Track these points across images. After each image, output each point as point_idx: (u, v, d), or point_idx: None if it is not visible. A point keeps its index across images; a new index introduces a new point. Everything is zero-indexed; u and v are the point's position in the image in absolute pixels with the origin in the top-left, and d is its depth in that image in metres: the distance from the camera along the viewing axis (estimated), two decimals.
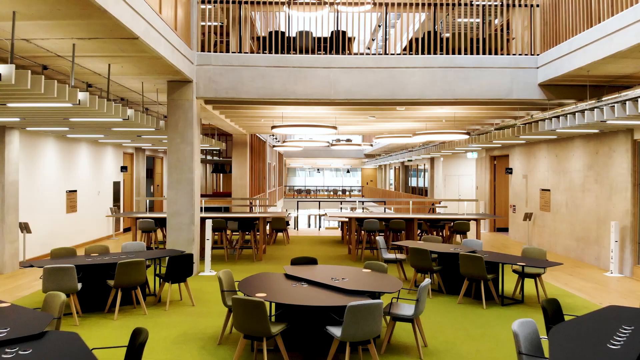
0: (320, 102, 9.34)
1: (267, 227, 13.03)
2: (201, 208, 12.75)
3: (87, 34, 5.49)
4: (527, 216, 12.92)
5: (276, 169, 27.63)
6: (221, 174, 22.45)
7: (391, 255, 8.30)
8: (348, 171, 45.15)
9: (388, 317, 5.19)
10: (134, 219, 10.34)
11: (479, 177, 17.66)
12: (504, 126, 11.29)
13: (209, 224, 8.92)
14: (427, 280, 4.94)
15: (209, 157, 19.94)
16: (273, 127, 9.75)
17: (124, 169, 14.80)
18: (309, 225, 32.55)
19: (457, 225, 10.26)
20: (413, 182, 28.67)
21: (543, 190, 12.47)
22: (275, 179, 27.28)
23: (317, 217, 22.05)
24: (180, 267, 6.68)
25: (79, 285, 5.99)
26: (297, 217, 34.39)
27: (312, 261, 6.30)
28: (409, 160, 23.99)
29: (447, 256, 7.68)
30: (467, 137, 10.16)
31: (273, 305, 5.06)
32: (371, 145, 20.93)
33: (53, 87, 4.94)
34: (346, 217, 10.85)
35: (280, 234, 13.65)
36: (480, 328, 5.90)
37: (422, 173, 25.58)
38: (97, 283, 6.64)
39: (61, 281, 5.73)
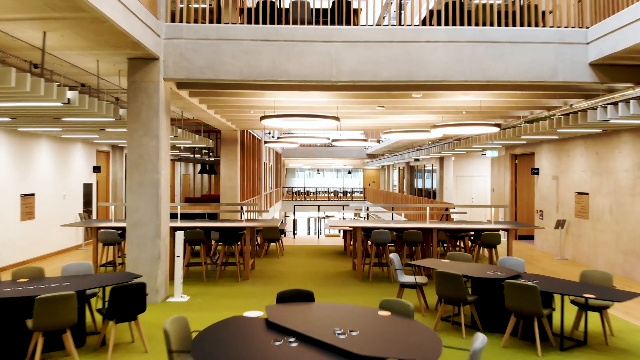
0: (319, 86, 7.58)
1: (259, 237, 11.25)
2: (182, 214, 10.99)
3: None
4: (560, 224, 11.15)
5: (273, 169, 25.86)
6: (212, 175, 20.65)
7: (409, 278, 6.53)
8: (349, 172, 43.35)
9: None
10: (95, 228, 8.58)
11: (495, 179, 15.87)
12: (536, 118, 9.52)
13: (179, 236, 7.14)
14: (481, 341, 3.18)
15: (197, 157, 18.14)
16: (262, 117, 7.99)
17: (96, 169, 13.04)
18: (309, 231, 30.81)
19: (486, 237, 8.47)
20: (419, 183, 26.87)
21: (579, 193, 10.69)
22: (273, 180, 25.51)
23: (317, 219, 20.29)
24: (127, 301, 4.91)
25: None
26: (296, 220, 32.56)
27: (306, 296, 4.52)
28: (415, 160, 22.20)
29: (485, 283, 5.91)
30: (497, 130, 8.40)
31: None
32: (378, 141, 19.11)
33: None
34: (350, 227, 9.08)
35: (273, 244, 11.86)
36: None
37: (430, 174, 23.78)
38: (14, 323, 4.88)
39: None
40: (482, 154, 18.27)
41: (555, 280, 5.76)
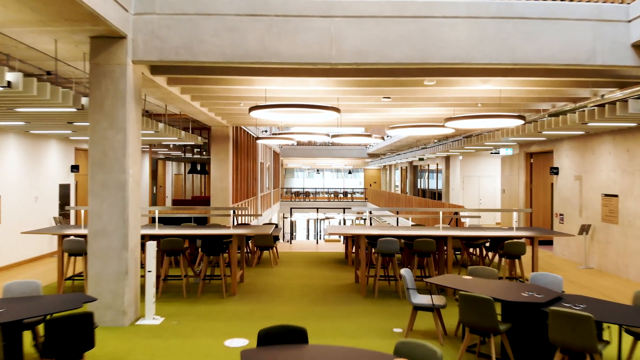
0: (316, 70, 6.49)
1: (250, 244, 10.16)
2: (167, 219, 9.90)
3: None
4: (584, 229, 10.05)
5: (271, 169, 24.77)
6: (206, 176, 19.55)
7: (423, 299, 5.44)
8: (350, 172, 42.25)
9: None
10: (60, 236, 7.48)
11: (506, 179, 14.78)
12: (561, 111, 8.44)
13: (151, 247, 6.04)
14: None
15: (188, 155, 17.06)
16: (252, 108, 6.90)
17: (75, 168, 11.94)
18: (308, 233, 29.67)
19: (509, 247, 7.36)
20: (423, 184, 25.78)
21: (607, 195, 9.59)
22: (270, 180, 24.42)
23: (316, 221, 19.20)
24: (68, 336, 3.83)
25: None
26: (294, 222, 31.49)
27: (296, 335, 3.41)
28: (420, 159, 21.10)
29: (519, 307, 4.82)
30: (520, 123, 7.30)
31: None
32: (383, 138, 17.99)
33: None
34: (352, 234, 7.99)
35: (267, 252, 10.73)
36: None
37: (435, 174, 22.69)
38: None
39: None
40: (492, 153, 17.20)
41: (604, 304, 4.66)
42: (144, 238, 7.36)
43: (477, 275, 5.75)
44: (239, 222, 13.15)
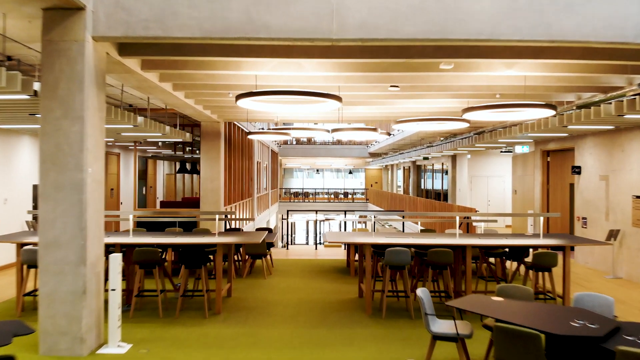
0: (313, 48, 5.50)
1: (242, 252, 9.17)
2: (151, 224, 8.90)
3: None
4: (612, 234, 9.06)
5: (269, 168, 23.77)
6: (198, 176, 18.52)
7: (445, 326, 4.44)
8: (350, 172, 41.23)
9: None
10: (18, 245, 6.48)
11: (518, 179, 13.78)
12: (592, 102, 7.45)
13: (114, 261, 5.04)
14: None
15: (178, 153, 16.04)
16: (238, 97, 5.91)
17: None
18: (307, 235, 28.55)
19: (539, 258, 6.34)
20: (428, 184, 24.76)
21: (638, 197, 8.59)
22: (268, 180, 23.42)
23: (316, 222, 18.20)
24: None
25: None
26: (294, 223, 30.55)
27: None
28: (424, 158, 20.09)
29: (569, 341, 3.82)
30: (552, 113, 6.30)
31: None
32: (389, 134, 16.97)
33: None
34: (355, 242, 6.97)
35: (260, 260, 9.69)
36: None
37: (440, 174, 21.68)
38: None
39: None
40: (502, 151, 16.20)
41: None
42: (114, 248, 6.37)
43: (508, 296, 4.74)
44: (231, 226, 12.14)
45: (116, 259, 5.05)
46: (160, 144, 14.60)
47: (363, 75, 6.73)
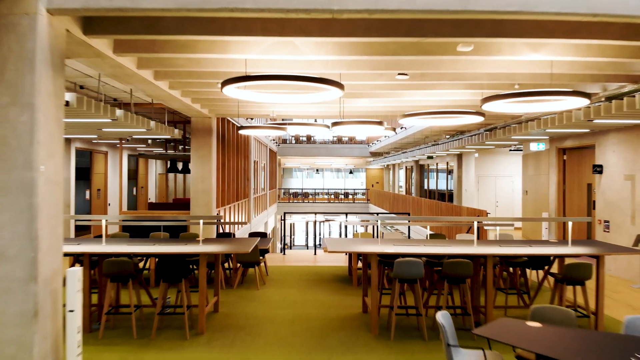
0: (310, 22, 4.66)
1: (232, 260, 8.34)
2: (135, 228, 8.09)
3: None
4: (639, 239, 8.22)
5: (267, 168, 22.95)
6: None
7: (471, 358, 3.61)
8: (351, 172, 40.41)
9: None
10: None
11: (529, 179, 12.97)
12: (622, 93, 6.64)
13: (72, 277, 4.22)
14: None
15: (170, 152, 15.21)
16: (224, 83, 5.10)
17: None
18: (307, 238, 27.77)
19: (572, 270, 5.51)
20: (431, 184, 23.94)
21: None
22: (266, 180, 22.60)
23: (315, 223, 17.40)
24: None
25: None
26: (293, 224, 29.63)
27: None
28: (429, 157, 19.27)
29: None
30: (586, 103, 5.49)
31: None
32: (394, 130, 16.14)
33: None
34: (359, 251, 6.15)
35: (252, 269, 8.85)
36: None
37: (445, 174, 20.85)
38: None
39: None
40: (511, 150, 15.40)
41: None
42: (82, 258, 5.55)
43: (545, 320, 3.92)
44: (224, 231, 11.32)
45: (74, 274, 4.23)
46: (150, 141, 13.78)
47: (368, 59, 5.91)
